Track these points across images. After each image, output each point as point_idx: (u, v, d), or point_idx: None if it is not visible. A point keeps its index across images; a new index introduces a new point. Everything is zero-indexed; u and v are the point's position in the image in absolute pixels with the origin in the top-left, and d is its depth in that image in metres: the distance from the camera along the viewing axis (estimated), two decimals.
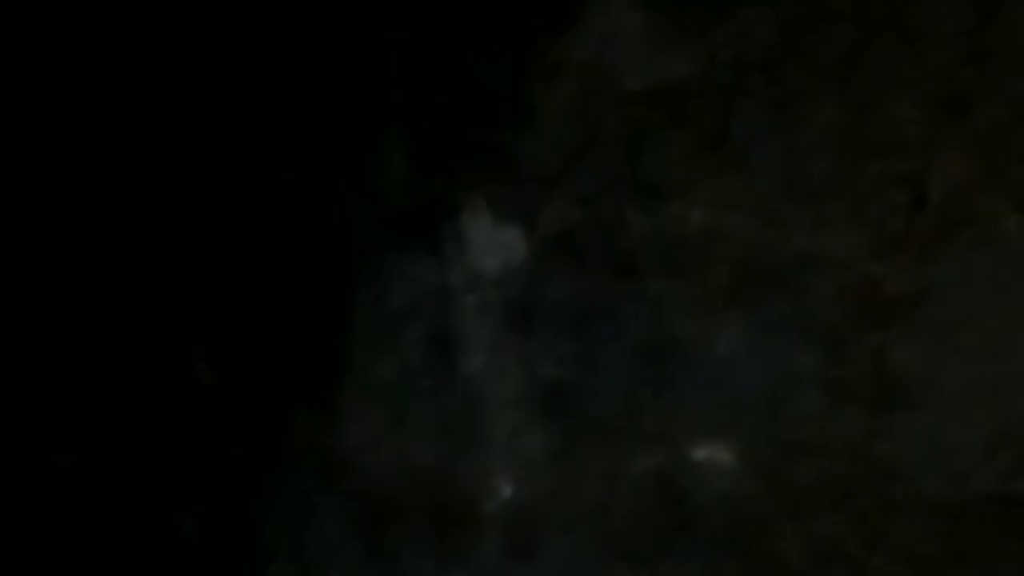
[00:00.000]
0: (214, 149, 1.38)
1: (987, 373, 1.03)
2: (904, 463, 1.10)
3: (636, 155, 1.25)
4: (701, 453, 1.19)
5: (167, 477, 1.39)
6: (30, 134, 1.36)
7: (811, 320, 1.14)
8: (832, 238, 1.13)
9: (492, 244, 1.31)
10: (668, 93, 1.23)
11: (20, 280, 1.37)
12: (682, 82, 1.22)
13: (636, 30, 1.23)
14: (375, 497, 1.32)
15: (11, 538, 1.36)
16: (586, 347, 1.26)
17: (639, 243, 1.24)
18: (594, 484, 1.23)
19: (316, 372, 1.37)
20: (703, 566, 1.16)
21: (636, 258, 1.24)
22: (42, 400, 1.42)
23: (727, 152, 1.19)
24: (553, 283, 1.28)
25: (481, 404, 1.30)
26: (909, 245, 1.09)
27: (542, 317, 1.29)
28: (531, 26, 1.27)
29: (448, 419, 1.31)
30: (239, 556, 1.36)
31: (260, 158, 1.36)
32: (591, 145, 1.27)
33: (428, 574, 1.28)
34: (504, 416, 1.29)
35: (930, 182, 1.08)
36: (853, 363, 1.12)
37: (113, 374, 1.41)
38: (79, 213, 1.38)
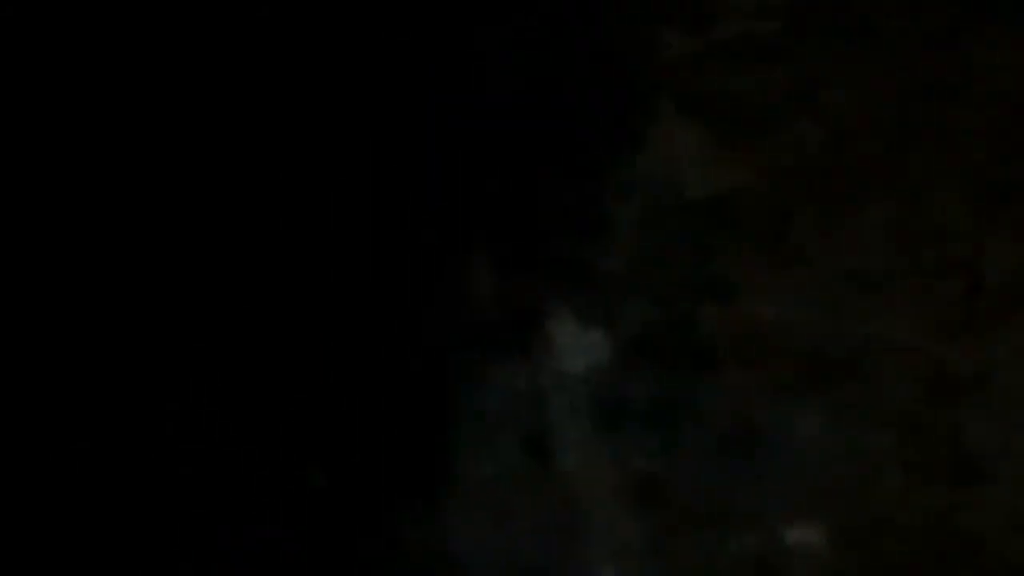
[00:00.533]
0: (325, 285, 1.50)
1: None
2: (986, 533, 1.16)
3: (703, 258, 1.35)
4: (792, 535, 1.26)
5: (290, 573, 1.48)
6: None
7: (884, 402, 1.22)
8: (896, 324, 1.21)
9: (577, 347, 1.42)
10: (728, 201, 1.33)
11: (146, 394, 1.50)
12: (739, 190, 1.32)
13: (693, 146, 1.35)
14: None
15: None
16: (671, 438, 1.34)
17: (713, 338, 1.33)
18: (692, 570, 1.31)
19: (420, 479, 1.47)
20: None
21: (712, 353, 1.33)
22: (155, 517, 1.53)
23: (787, 251, 1.29)
24: (636, 380, 1.38)
25: (577, 499, 1.39)
26: (970, 326, 1.16)
27: (628, 412, 1.38)
28: (601, 151, 1.39)
29: (547, 514, 1.40)
30: None
31: (359, 289, 1.49)
32: (661, 252, 1.38)
33: None
34: (600, 509, 1.38)
35: (984, 266, 1.16)
36: (928, 441, 1.19)
37: (240, 491, 1.51)
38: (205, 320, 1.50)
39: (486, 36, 1.46)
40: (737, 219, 1.33)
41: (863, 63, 1.24)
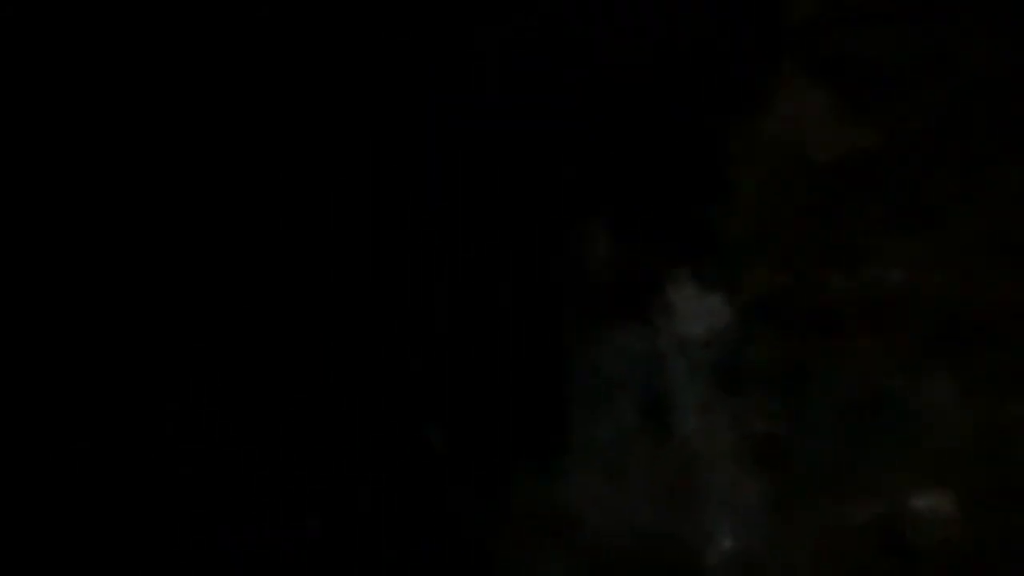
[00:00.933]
0: (451, 248, 1.53)
1: None
2: None
3: (829, 221, 1.33)
4: (920, 502, 1.24)
5: (407, 544, 1.52)
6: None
7: (1018, 368, 1.19)
8: None
9: (698, 310, 1.41)
10: (856, 163, 1.31)
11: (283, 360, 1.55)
12: (869, 152, 1.30)
13: (820, 109, 1.33)
14: (600, 553, 1.42)
15: None
16: (795, 403, 1.33)
17: (840, 304, 1.32)
18: (812, 535, 1.30)
19: (540, 438, 1.49)
20: None
21: (838, 318, 1.32)
22: (292, 470, 1.58)
23: (920, 214, 1.26)
24: (758, 344, 1.37)
25: (696, 461, 1.39)
26: None
27: (750, 377, 1.37)
28: (727, 109, 1.38)
29: (665, 476, 1.41)
30: None
31: (480, 255, 1.51)
32: (785, 214, 1.36)
33: None
34: (720, 472, 1.38)
35: None
36: None
37: (361, 449, 1.56)
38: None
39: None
40: (865, 183, 1.31)
41: (998, 22, 1.21)
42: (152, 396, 1.54)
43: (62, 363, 1.53)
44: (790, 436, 1.33)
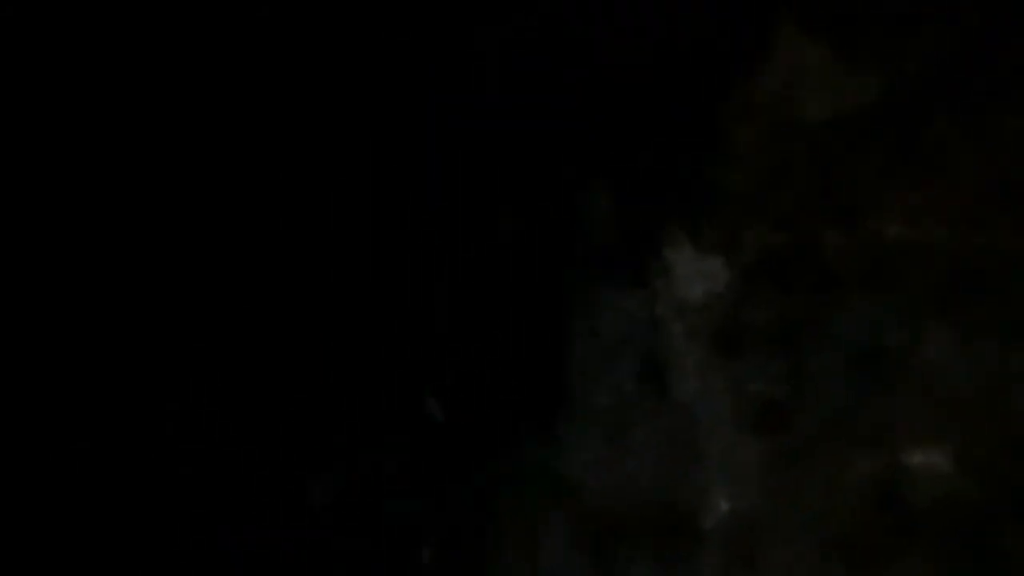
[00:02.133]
0: (441, 202, 1.54)
1: None
2: None
3: (828, 178, 1.31)
4: (918, 457, 1.21)
5: (408, 512, 1.53)
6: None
7: (1019, 320, 1.15)
8: None
9: (696, 273, 1.40)
10: (853, 118, 1.29)
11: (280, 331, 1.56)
12: (866, 106, 1.28)
13: (817, 65, 1.31)
14: (600, 516, 1.41)
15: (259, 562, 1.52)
16: (794, 363, 1.31)
17: (839, 260, 1.29)
18: (811, 494, 1.27)
19: (539, 403, 1.48)
20: (927, 568, 1.17)
21: (837, 275, 1.29)
22: (295, 440, 1.59)
23: (919, 164, 1.23)
24: (757, 305, 1.35)
25: (695, 425, 1.37)
26: None
27: (749, 338, 1.35)
28: (723, 68, 1.37)
29: (664, 440, 1.39)
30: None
31: (479, 209, 1.51)
32: (784, 173, 1.34)
33: None
34: (718, 435, 1.36)
35: None
36: None
37: (362, 415, 1.57)
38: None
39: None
40: (862, 137, 1.29)
41: None
42: (155, 377, 1.57)
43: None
44: (789, 397, 1.31)
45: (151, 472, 1.57)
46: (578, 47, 1.43)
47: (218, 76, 1.54)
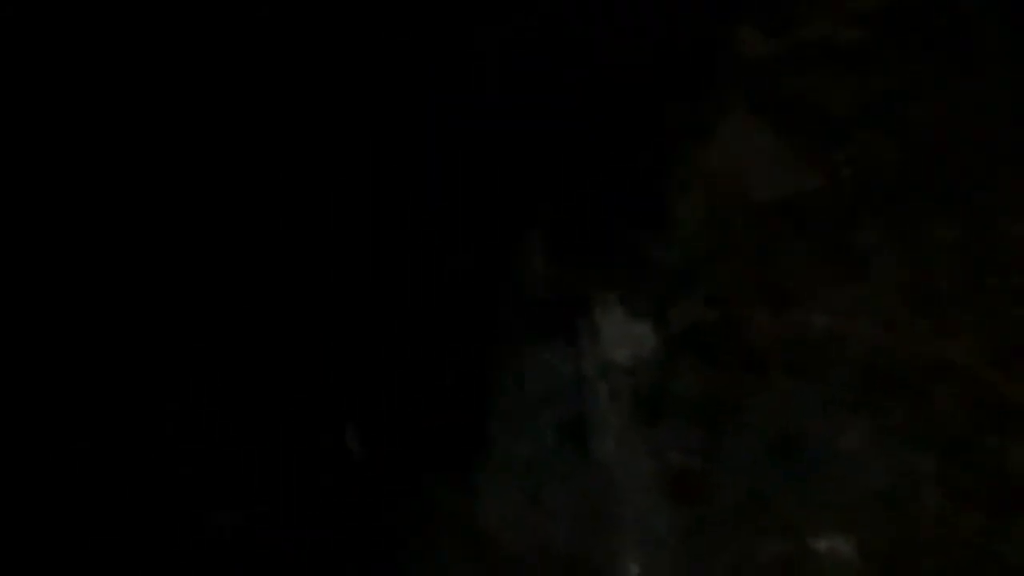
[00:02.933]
0: (381, 244, 1.51)
1: None
2: (1022, 562, 1.16)
3: (763, 261, 1.34)
4: (823, 544, 1.26)
5: (319, 545, 1.51)
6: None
7: (932, 423, 1.21)
8: (953, 346, 1.20)
9: (624, 337, 1.42)
10: (793, 205, 1.32)
11: (188, 354, 1.52)
12: (806, 196, 1.31)
13: (764, 147, 1.34)
14: (510, 570, 1.42)
15: None
16: (714, 438, 1.35)
17: (764, 343, 1.33)
18: (719, 569, 1.31)
19: (458, 451, 1.48)
20: None
21: (762, 357, 1.33)
22: (204, 467, 1.56)
23: (849, 262, 1.28)
24: (681, 375, 1.38)
25: (611, 487, 1.40)
26: None
27: (670, 407, 1.38)
28: (668, 140, 1.38)
29: (580, 500, 1.41)
30: None
31: (419, 254, 1.50)
32: (720, 250, 1.37)
33: None
34: (633, 499, 1.38)
35: None
36: (972, 466, 1.18)
37: (276, 446, 1.54)
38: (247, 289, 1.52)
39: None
40: (799, 225, 1.33)
41: (949, 81, 1.23)
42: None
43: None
44: (705, 470, 1.34)
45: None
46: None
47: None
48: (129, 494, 1.53)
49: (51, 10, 1.47)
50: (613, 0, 1.42)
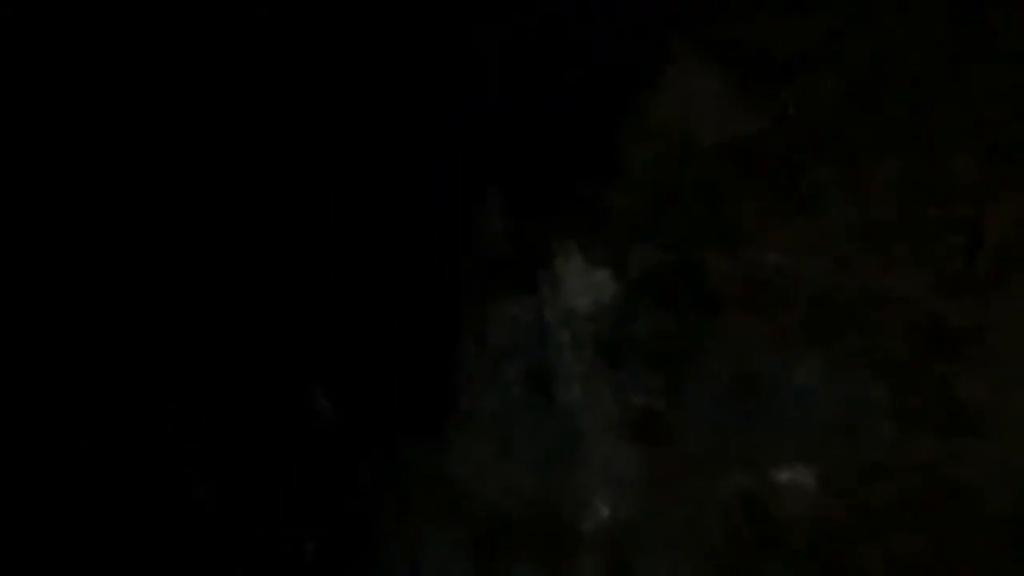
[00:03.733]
0: (338, 208, 1.53)
1: None
2: (974, 483, 1.20)
3: (714, 204, 1.37)
4: (784, 476, 1.30)
5: (294, 505, 1.54)
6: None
7: (881, 354, 1.25)
8: (898, 279, 1.24)
9: (584, 285, 1.44)
10: (741, 148, 1.35)
11: (166, 330, 1.54)
12: (753, 138, 1.34)
13: (709, 91, 1.36)
14: (484, 521, 1.46)
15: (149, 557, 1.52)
16: (674, 379, 1.38)
17: (720, 284, 1.36)
18: (685, 505, 1.36)
19: (427, 408, 1.51)
20: None
21: (718, 298, 1.36)
22: (178, 434, 1.58)
23: (797, 201, 1.31)
24: (640, 320, 1.41)
25: (578, 432, 1.43)
26: (970, 284, 1.19)
27: (631, 351, 1.41)
28: (616, 89, 1.40)
29: (548, 447, 1.45)
30: None
31: (377, 217, 1.51)
32: (673, 194, 1.40)
33: None
34: (599, 443, 1.42)
35: (986, 225, 1.18)
36: (922, 393, 1.22)
37: (248, 411, 1.56)
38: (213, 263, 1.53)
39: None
40: (747, 167, 1.35)
41: (887, 20, 1.25)
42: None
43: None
44: (668, 410, 1.38)
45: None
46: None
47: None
48: (107, 472, 1.55)
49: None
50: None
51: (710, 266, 1.36)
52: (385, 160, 1.50)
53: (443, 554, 1.45)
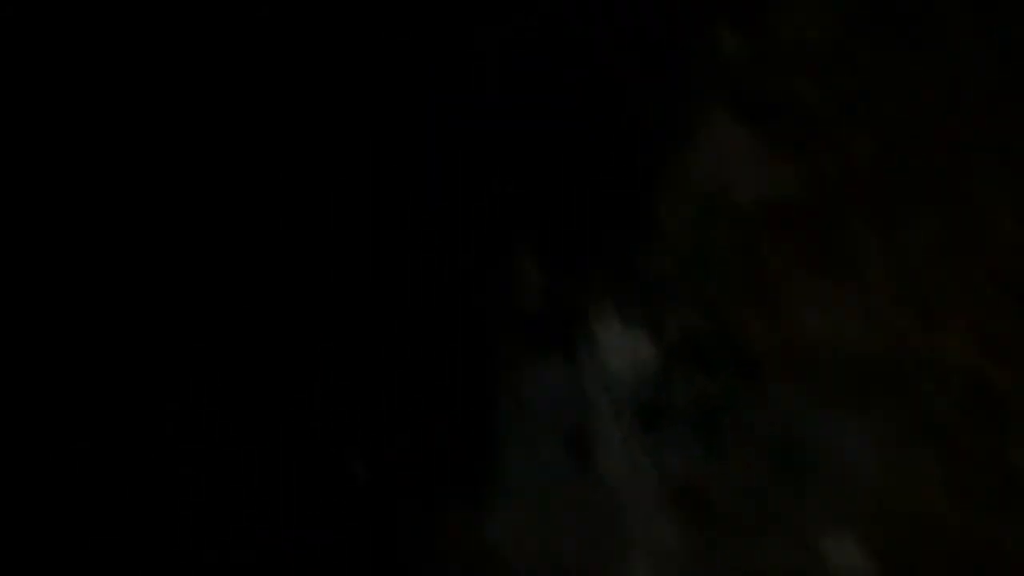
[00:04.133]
0: (372, 271, 1.53)
1: None
2: None
3: (751, 264, 1.34)
4: (828, 545, 1.25)
5: (329, 567, 1.53)
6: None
7: (927, 419, 1.20)
8: (942, 340, 1.19)
9: (621, 347, 1.42)
10: (777, 205, 1.32)
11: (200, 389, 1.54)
12: (790, 194, 1.31)
13: (742, 148, 1.34)
14: None
15: None
16: (713, 445, 1.34)
17: (759, 346, 1.33)
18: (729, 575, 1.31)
19: (464, 472, 1.49)
20: None
21: (757, 360, 1.33)
22: (211, 505, 1.57)
23: (835, 260, 1.27)
24: (679, 384, 1.38)
25: (617, 499, 1.40)
26: (1017, 345, 1.14)
27: (670, 416, 1.38)
28: (650, 148, 1.38)
29: (587, 514, 1.41)
30: None
31: (418, 264, 1.50)
32: (708, 253, 1.37)
33: None
34: (639, 512, 1.39)
35: None
36: (972, 459, 1.17)
37: (282, 474, 1.56)
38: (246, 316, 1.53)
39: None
40: (786, 224, 1.32)
41: (921, 75, 1.22)
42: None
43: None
44: (708, 477, 1.34)
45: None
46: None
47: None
48: (132, 522, 1.55)
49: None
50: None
51: (749, 329, 1.33)
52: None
53: None
